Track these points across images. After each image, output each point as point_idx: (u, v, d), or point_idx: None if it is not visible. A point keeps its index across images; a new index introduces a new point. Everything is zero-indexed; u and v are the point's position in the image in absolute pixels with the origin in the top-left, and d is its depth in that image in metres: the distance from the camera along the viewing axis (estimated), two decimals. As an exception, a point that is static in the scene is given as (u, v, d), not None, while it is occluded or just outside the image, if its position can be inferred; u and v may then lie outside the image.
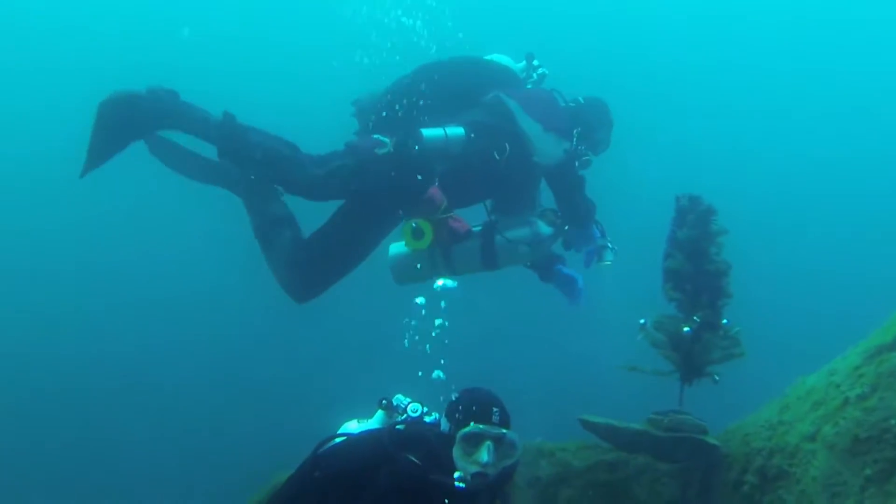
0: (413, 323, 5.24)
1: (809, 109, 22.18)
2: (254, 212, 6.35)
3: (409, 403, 4.23)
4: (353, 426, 4.34)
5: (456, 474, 3.76)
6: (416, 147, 5.97)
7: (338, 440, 4.12)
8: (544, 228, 6.57)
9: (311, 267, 6.16)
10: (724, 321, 6.35)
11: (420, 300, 5.44)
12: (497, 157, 6.25)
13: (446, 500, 3.69)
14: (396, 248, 6.39)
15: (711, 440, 5.91)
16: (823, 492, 4.82)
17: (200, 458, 14.46)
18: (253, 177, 6.18)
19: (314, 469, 3.93)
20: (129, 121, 5.96)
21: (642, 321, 6.48)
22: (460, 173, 6.19)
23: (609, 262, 6.96)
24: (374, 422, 4.32)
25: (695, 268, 6.40)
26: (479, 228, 6.42)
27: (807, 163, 21.14)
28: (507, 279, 6.98)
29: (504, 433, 3.86)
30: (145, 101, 5.93)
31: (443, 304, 5.51)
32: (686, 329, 6.28)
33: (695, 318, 6.31)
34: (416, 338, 5.15)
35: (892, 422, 4.75)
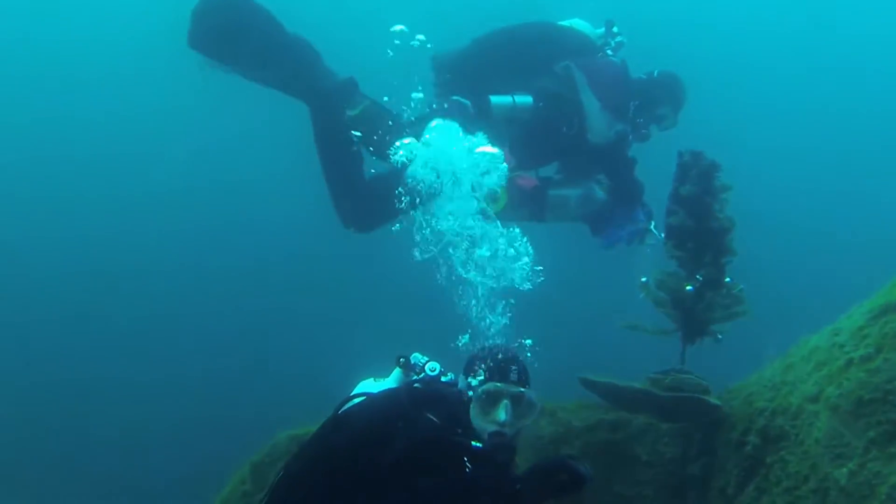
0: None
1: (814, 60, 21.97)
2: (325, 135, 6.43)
3: (426, 362, 4.14)
4: (369, 385, 4.27)
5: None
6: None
7: (357, 400, 4.07)
8: (597, 193, 6.79)
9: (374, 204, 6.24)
10: (728, 279, 6.30)
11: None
12: (565, 131, 6.51)
13: (465, 459, 3.61)
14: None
15: (713, 400, 5.88)
16: (826, 453, 4.80)
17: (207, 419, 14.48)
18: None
19: (335, 429, 3.89)
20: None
21: (644, 279, 6.43)
22: (529, 139, 6.47)
23: (650, 246, 6.96)
24: (391, 380, 4.26)
25: (697, 225, 6.33)
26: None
27: (816, 117, 20.94)
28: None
29: (522, 392, 3.80)
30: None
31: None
32: (688, 287, 6.23)
33: (697, 276, 6.25)
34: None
35: (897, 384, 4.72)
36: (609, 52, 6.94)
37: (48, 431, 15.08)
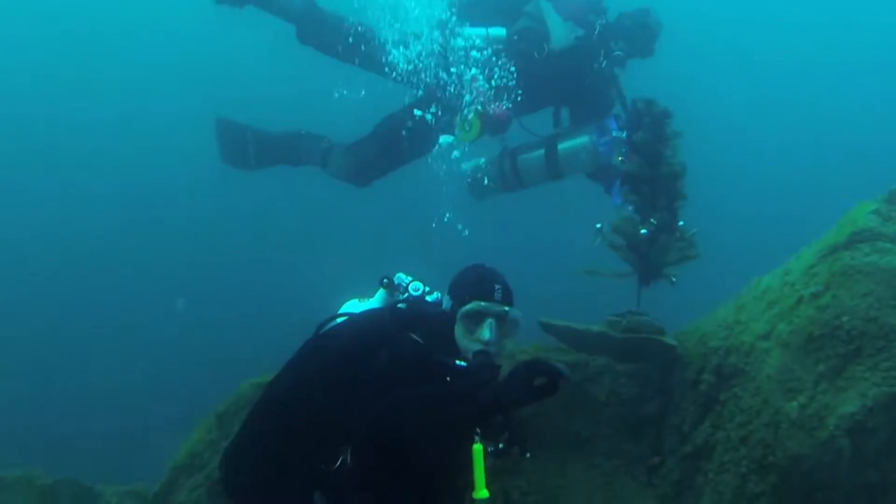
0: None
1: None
2: None
3: (410, 282, 4.15)
4: (354, 305, 4.26)
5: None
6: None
7: (339, 320, 4.07)
8: (604, 134, 7.01)
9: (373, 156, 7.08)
10: (681, 223, 6.40)
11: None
12: (536, 56, 6.75)
13: (447, 378, 3.62)
14: (468, 164, 7.10)
15: (669, 340, 5.98)
16: (778, 388, 4.96)
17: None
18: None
19: (315, 349, 3.88)
20: None
21: (599, 225, 6.51)
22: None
23: (619, 158, 6.95)
24: (376, 301, 4.25)
25: (651, 171, 6.42)
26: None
27: (768, 65, 21.15)
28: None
29: (506, 310, 3.77)
30: None
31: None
32: (643, 231, 6.32)
33: (651, 220, 6.34)
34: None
35: (845, 319, 4.88)
36: None
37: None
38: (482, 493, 3.44)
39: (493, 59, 6.71)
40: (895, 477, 4.61)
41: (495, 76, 6.71)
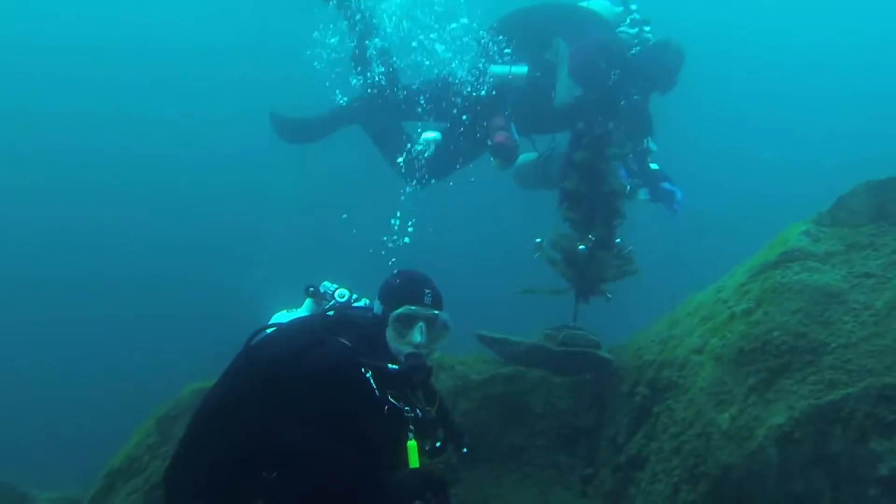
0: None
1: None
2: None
3: (336, 289, 4.20)
4: (283, 316, 4.29)
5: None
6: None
7: (269, 331, 4.08)
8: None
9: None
10: (618, 240, 6.55)
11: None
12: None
13: (373, 384, 3.66)
14: (522, 157, 7.56)
15: (604, 354, 6.13)
16: (710, 400, 5.09)
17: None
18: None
19: (247, 361, 3.88)
20: None
21: (538, 240, 6.63)
22: (520, 103, 7.28)
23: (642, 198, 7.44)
24: (304, 310, 4.29)
25: (591, 189, 6.57)
26: None
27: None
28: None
29: (436, 314, 3.88)
30: None
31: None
32: (581, 247, 6.46)
33: (590, 236, 6.48)
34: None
35: (775, 334, 5.04)
36: (626, 28, 7.40)
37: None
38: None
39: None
40: (820, 486, 4.75)
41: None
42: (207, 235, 18.63)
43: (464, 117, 7.22)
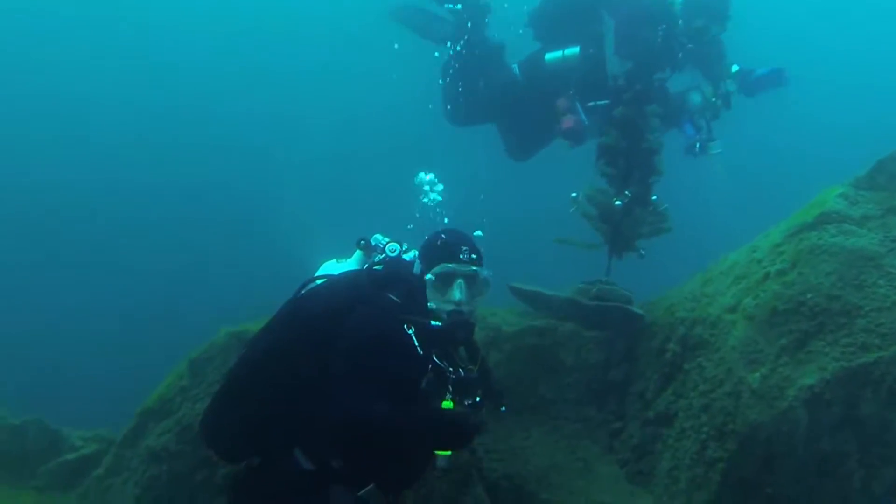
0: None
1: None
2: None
3: (387, 243, 4.25)
4: (332, 266, 4.37)
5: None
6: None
7: (318, 282, 4.15)
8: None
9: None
10: (654, 197, 6.54)
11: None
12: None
13: (415, 342, 3.72)
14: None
15: (636, 309, 6.14)
16: (741, 359, 5.12)
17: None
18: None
19: (293, 312, 3.96)
20: None
21: (574, 194, 6.63)
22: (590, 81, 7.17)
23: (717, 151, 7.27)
24: (353, 262, 4.35)
25: (629, 145, 6.55)
26: None
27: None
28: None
29: (475, 270, 3.92)
30: None
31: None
32: (617, 202, 6.46)
33: (626, 192, 6.48)
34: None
35: (809, 296, 5.05)
36: None
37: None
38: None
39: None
40: (846, 448, 4.80)
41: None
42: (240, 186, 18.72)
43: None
